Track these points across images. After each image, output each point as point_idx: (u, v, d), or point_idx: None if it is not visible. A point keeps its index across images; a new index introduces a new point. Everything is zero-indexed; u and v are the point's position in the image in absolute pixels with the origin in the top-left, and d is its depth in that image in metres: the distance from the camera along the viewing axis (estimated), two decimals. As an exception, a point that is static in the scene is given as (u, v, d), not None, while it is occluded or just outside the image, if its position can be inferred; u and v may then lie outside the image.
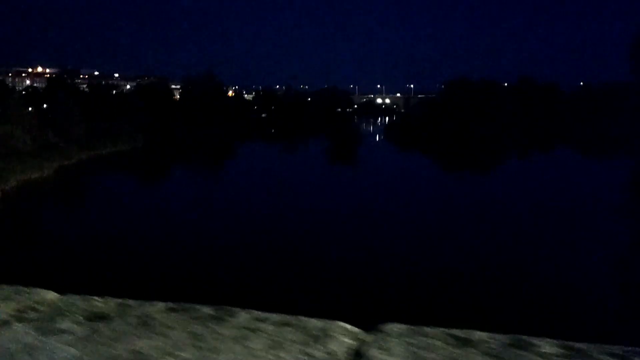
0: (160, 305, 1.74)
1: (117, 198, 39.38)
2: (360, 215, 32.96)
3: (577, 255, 25.05)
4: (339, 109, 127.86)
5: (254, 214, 33.33)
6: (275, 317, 1.68)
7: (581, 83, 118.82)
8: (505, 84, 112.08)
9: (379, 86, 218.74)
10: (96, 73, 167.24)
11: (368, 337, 1.59)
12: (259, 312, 1.70)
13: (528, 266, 23.34)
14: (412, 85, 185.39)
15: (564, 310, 18.22)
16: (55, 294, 1.78)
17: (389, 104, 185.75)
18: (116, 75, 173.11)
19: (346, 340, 1.57)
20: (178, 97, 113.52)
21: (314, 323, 1.65)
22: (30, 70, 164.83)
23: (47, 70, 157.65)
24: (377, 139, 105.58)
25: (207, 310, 1.71)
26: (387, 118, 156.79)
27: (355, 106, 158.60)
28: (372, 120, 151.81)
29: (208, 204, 37.08)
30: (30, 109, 63.00)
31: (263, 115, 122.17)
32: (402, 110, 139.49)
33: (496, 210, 35.71)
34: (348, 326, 1.66)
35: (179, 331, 1.58)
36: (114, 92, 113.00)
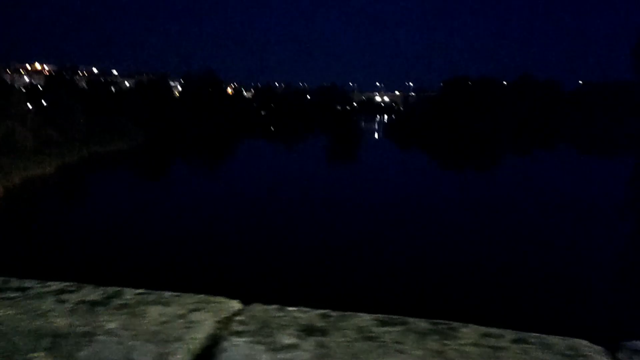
0: (366, 316, 1.63)
1: (123, 195, 39.34)
2: (364, 212, 33.03)
3: (578, 252, 25.19)
4: (339, 107, 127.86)
5: (259, 210, 33.34)
6: (501, 332, 1.54)
7: (580, 82, 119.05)
8: (505, 82, 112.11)
9: (378, 84, 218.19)
10: (95, 70, 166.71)
11: (622, 356, 1.45)
12: (482, 327, 1.57)
13: (530, 263, 23.47)
14: (411, 84, 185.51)
15: (567, 307, 18.30)
16: (241, 303, 1.71)
17: (388, 102, 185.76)
18: (115, 72, 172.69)
19: None
20: (177, 94, 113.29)
21: (553, 340, 1.52)
22: (28, 67, 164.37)
23: (46, 67, 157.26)
24: (378, 137, 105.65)
25: (421, 323, 1.59)
26: (385, 116, 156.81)
27: (355, 104, 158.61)
28: (371, 118, 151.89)
29: (214, 200, 37.11)
30: (29, 105, 62.84)
31: (263, 112, 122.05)
32: (401, 109, 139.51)
33: (499, 207, 35.83)
34: (589, 343, 1.52)
35: (416, 348, 1.45)
36: (113, 88, 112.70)
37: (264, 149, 79.26)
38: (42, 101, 77.26)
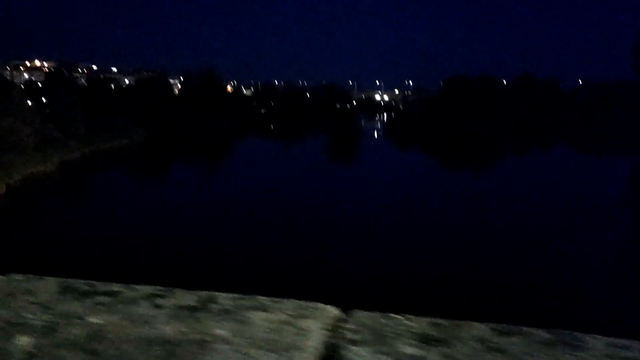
0: (480, 325, 1.51)
1: (123, 193, 39.47)
2: (364, 211, 33.17)
3: (577, 250, 25.28)
4: (338, 106, 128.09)
5: (257, 208, 33.52)
6: (628, 343, 1.44)
7: (580, 81, 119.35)
8: (504, 82, 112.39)
9: (377, 82, 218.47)
10: (94, 67, 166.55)
11: None
12: (606, 337, 1.47)
13: (529, 261, 23.55)
14: (410, 82, 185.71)
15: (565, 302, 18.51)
16: (339, 309, 1.64)
17: (387, 101, 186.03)
18: (114, 69, 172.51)
19: None
20: (176, 91, 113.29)
21: None
22: (28, 64, 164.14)
23: (45, 64, 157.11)
24: (378, 136, 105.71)
25: (540, 332, 1.47)
26: (385, 115, 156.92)
27: (354, 102, 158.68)
28: (371, 117, 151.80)
29: (212, 198, 37.29)
30: (29, 102, 62.91)
31: (262, 111, 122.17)
32: (400, 107, 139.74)
33: (497, 205, 36.08)
34: None
35: None
36: (113, 86, 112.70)
37: (263, 147, 79.39)
38: (42, 98, 77.33)
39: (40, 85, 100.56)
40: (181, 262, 22.52)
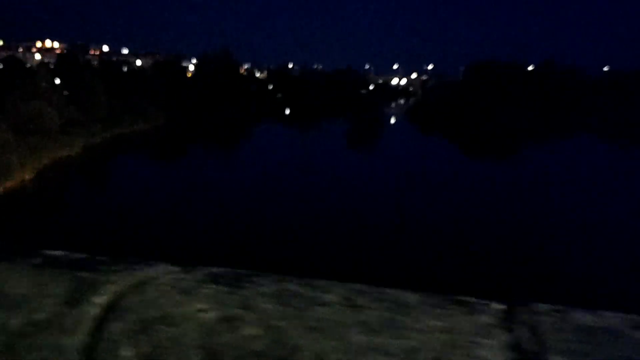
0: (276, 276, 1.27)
1: (152, 178, 38.76)
2: (384, 198, 32.50)
3: (596, 240, 24.68)
4: (355, 90, 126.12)
5: (274, 193, 33.03)
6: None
7: (605, 68, 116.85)
8: (528, 68, 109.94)
9: (395, 67, 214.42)
10: (106, 49, 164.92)
11: None
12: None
13: (550, 250, 23.13)
14: (429, 67, 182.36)
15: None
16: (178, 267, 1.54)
17: (404, 85, 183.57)
18: (125, 51, 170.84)
19: None
20: (189, 74, 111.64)
21: None
22: (39, 45, 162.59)
23: (56, 45, 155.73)
24: (397, 122, 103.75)
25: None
26: (402, 100, 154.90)
27: (371, 87, 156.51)
28: (387, 101, 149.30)
29: (238, 182, 36.71)
30: (44, 84, 61.50)
31: (279, 95, 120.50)
32: (419, 92, 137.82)
33: (519, 194, 35.34)
34: None
35: None
36: (125, 68, 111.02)
37: (280, 131, 78.13)
38: (57, 80, 75.83)
39: (53, 66, 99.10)
40: (201, 239, 23.00)
